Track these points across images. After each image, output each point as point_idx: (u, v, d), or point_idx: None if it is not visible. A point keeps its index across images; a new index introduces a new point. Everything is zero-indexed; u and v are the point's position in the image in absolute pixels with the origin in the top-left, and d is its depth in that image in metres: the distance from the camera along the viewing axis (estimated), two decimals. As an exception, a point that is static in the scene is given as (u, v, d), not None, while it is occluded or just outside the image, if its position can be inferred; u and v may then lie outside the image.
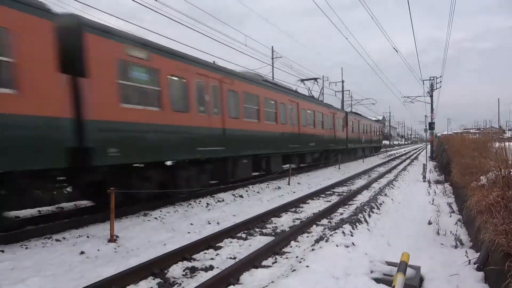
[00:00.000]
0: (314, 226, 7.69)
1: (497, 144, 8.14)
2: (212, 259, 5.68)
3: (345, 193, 12.24)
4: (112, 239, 6.41)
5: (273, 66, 36.70)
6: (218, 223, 7.95)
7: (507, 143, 7.10)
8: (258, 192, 12.30)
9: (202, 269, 5.23)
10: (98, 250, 5.96)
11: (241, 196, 11.31)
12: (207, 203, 9.89)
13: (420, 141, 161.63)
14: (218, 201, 10.34)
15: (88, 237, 6.62)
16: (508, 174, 5.76)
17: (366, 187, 13.54)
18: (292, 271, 4.60)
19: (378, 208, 8.66)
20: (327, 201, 10.77)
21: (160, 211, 8.75)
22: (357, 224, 6.75)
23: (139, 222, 7.78)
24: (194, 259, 5.66)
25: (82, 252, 5.78)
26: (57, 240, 6.41)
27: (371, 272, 4.67)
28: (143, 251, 5.95)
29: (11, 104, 5.66)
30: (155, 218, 8.18)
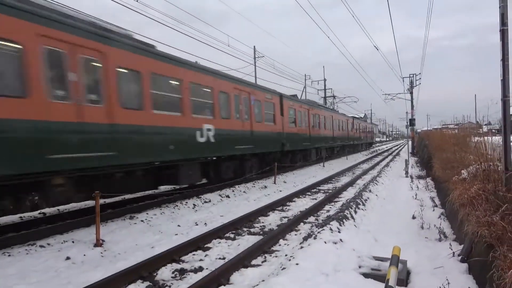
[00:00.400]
0: (302, 224, 7.74)
1: (476, 139, 8.38)
2: (201, 260, 5.65)
3: (331, 191, 12.36)
4: (98, 243, 6.30)
5: (255, 65, 36.72)
6: (205, 224, 7.91)
7: (485, 138, 7.32)
8: (244, 191, 12.30)
9: (191, 271, 5.20)
10: (84, 255, 5.84)
11: (227, 196, 11.28)
12: (194, 204, 9.83)
13: (401, 138, 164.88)
14: (205, 201, 10.29)
15: (73, 242, 6.48)
16: (488, 168, 5.93)
17: (350, 184, 13.71)
18: (282, 269, 4.62)
19: (364, 204, 8.80)
20: (313, 199, 10.85)
21: (147, 213, 8.65)
22: (344, 220, 6.84)
23: (126, 225, 7.66)
24: (183, 261, 5.62)
25: (67, 258, 5.66)
26: (41, 246, 6.25)
27: (360, 267, 4.74)
28: (130, 255, 5.86)
29: (273, 128, 16.06)
30: (142, 220, 8.08)
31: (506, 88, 5.20)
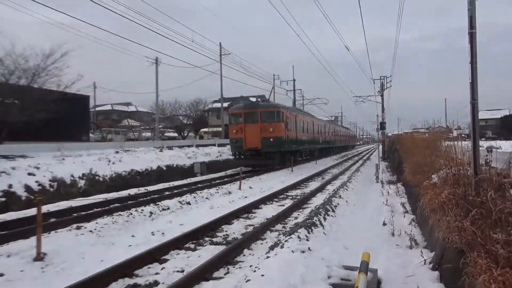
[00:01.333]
0: (268, 232, 7.73)
1: (446, 143, 8.75)
2: (157, 273, 5.46)
3: (299, 197, 12.47)
4: (39, 257, 5.94)
5: (221, 63, 36.59)
6: (163, 233, 7.72)
7: (455, 142, 7.64)
8: (207, 198, 12.14)
9: (145, 286, 5.01)
10: (22, 271, 5.49)
11: (188, 203, 11.09)
12: (151, 212, 9.56)
13: (372, 142, 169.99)
14: (163, 209, 10.04)
15: (8, 256, 6.07)
16: (458, 172, 6.18)
17: (320, 189, 13.91)
18: (246, 282, 4.55)
19: (333, 211, 8.93)
20: (281, 205, 10.89)
21: (96, 222, 8.29)
22: (312, 228, 6.89)
23: (71, 237, 7.30)
24: (137, 275, 5.41)
25: (1, 275, 5.28)
26: (-31, 262, 5.80)
27: (329, 277, 4.76)
28: (76, 269, 5.57)
29: (342, 138, 55.36)
30: (90, 231, 7.73)
31: (475, 91, 5.40)
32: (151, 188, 15.13)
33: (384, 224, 8.07)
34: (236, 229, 8.15)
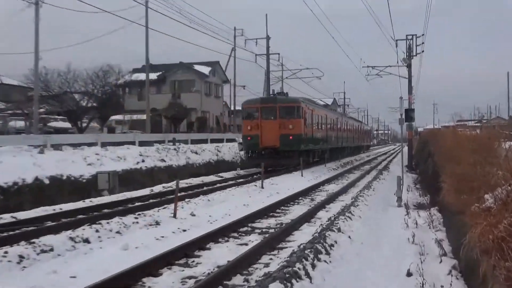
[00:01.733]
0: (220, 288, 7.71)
1: (507, 144, 9.01)
2: None
3: (273, 230, 12.56)
4: None
5: (147, 7, 36.23)
6: (40, 293, 7.58)
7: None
8: (118, 232, 11.96)
9: None
10: None
11: (86, 241, 10.89)
12: (20, 256, 9.31)
13: (392, 141, 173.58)
14: (43, 251, 9.82)
15: None
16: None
17: (307, 218, 14.08)
18: None
19: (328, 253, 9.00)
20: (242, 244, 10.94)
21: None
22: (293, 281, 6.91)
23: None
24: None
25: None
26: None
27: None
28: None
29: (357, 135, 76.06)
30: None
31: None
32: (22, 215, 14.83)
33: (409, 274, 8.21)
34: (167, 284, 8.12)
